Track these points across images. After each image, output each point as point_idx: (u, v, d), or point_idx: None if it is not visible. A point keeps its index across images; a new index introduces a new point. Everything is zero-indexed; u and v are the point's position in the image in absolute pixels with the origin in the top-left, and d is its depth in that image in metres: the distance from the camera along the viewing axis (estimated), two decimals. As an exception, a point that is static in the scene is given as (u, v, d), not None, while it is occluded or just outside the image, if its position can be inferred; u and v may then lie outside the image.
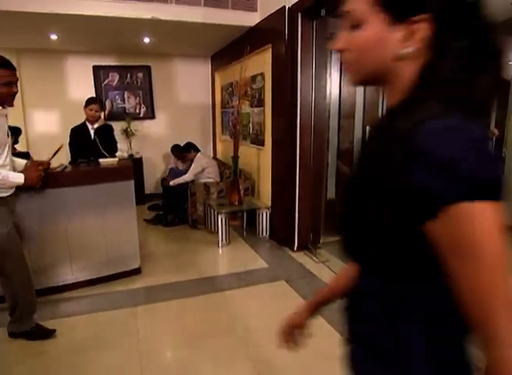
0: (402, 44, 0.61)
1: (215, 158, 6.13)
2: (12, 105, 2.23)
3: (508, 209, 0.55)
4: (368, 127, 3.10)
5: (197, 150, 4.98)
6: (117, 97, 5.86)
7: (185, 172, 4.85)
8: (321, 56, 3.55)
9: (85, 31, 4.27)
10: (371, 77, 0.68)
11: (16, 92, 2.18)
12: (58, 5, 3.43)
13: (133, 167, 3.26)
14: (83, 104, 3.79)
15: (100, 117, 3.88)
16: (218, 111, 6.16)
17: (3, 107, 2.21)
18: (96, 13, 3.58)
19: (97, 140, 3.75)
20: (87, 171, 3.08)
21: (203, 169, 4.77)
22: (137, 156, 5.68)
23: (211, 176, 4.83)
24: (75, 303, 2.82)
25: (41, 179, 2.46)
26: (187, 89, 6.16)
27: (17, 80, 2.18)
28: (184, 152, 5.10)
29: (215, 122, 6.35)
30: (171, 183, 4.79)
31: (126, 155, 5.42)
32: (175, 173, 5.20)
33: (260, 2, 4.11)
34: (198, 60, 6.12)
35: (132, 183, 3.11)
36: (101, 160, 3.19)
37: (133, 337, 2.42)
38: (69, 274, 2.96)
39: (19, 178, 2.28)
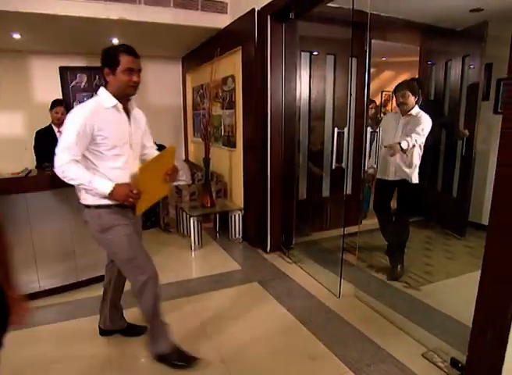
0: None
1: (186, 160, 6.07)
2: (133, 94, 2.10)
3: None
4: (336, 129, 3.15)
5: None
6: (86, 99, 5.60)
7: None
8: (291, 58, 3.59)
9: (50, 31, 4.14)
10: None
11: (138, 82, 2.00)
12: (22, 3, 3.31)
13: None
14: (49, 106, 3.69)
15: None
16: (190, 113, 6.11)
17: (123, 100, 2.06)
18: (61, 13, 3.48)
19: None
20: (53, 175, 2.98)
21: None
22: (107, 159, 5.55)
23: (182, 178, 4.77)
24: (42, 312, 2.71)
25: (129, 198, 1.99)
26: (158, 90, 6.07)
27: (139, 69, 2.00)
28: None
29: (187, 124, 6.30)
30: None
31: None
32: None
33: (230, 4, 4.11)
34: (169, 61, 6.05)
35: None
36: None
37: (103, 344, 2.37)
38: (35, 282, 2.86)
39: (104, 187, 1.94)
